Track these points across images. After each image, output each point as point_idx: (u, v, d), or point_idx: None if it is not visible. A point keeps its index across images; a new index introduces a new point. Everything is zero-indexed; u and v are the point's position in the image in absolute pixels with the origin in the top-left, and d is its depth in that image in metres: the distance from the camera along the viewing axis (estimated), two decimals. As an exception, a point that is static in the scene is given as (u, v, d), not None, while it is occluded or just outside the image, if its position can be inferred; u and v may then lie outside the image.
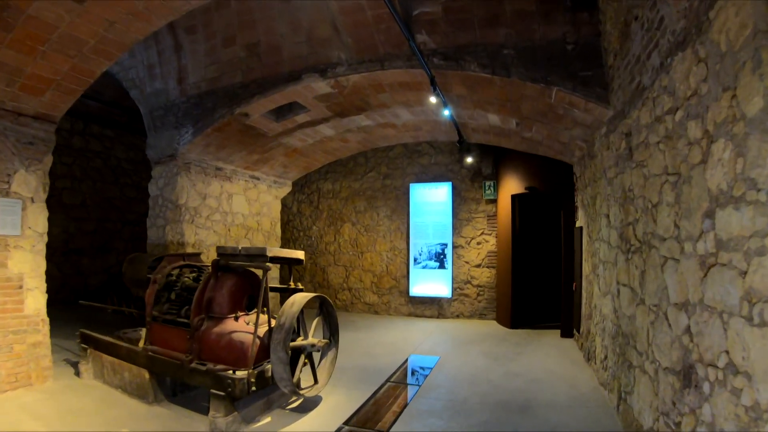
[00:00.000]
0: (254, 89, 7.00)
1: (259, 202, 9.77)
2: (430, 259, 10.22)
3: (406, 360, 6.86)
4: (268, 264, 4.69)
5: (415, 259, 10.38)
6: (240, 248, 4.89)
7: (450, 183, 10.20)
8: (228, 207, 8.94)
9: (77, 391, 5.25)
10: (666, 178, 3.39)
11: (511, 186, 9.00)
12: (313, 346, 4.89)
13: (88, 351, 5.83)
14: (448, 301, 10.14)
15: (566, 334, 8.11)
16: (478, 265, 9.94)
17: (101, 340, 5.72)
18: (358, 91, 6.76)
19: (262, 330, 4.80)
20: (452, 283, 10.10)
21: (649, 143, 3.76)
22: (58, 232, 11.01)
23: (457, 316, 10.06)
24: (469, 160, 9.54)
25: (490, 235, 9.86)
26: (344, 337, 8.41)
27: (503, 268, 9.22)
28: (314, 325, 5.14)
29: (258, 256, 4.75)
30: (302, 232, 12.08)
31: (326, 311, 5.41)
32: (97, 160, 12.38)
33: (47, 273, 5.57)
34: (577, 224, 7.63)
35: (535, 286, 9.67)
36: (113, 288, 10.42)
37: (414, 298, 10.45)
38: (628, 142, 4.43)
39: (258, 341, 4.68)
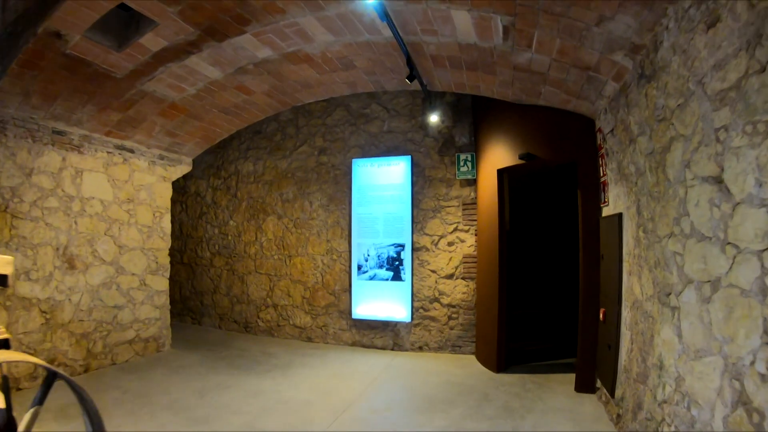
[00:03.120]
0: (60, -12, 3.97)
1: (133, 185, 6.65)
2: (381, 266, 7.07)
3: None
4: None
5: (360, 267, 7.22)
6: None
7: (409, 157, 7.07)
8: (74, 189, 5.87)
9: None
10: None
11: (498, 157, 5.90)
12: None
13: None
14: (407, 326, 7.01)
15: (584, 386, 5.01)
16: (450, 276, 6.81)
17: None
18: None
19: None
20: (412, 301, 6.97)
21: None
22: None
23: (420, 348, 6.93)
24: (434, 119, 6.40)
25: (467, 231, 6.75)
26: (241, 386, 5.30)
27: (486, 280, 6.11)
28: (27, 419, 1.95)
29: None
30: (217, 229, 8.91)
31: (77, 393, 2.23)
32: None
33: None
34: (607, 211, 4.56)
35: (535, 306, 6.59)
36: None
37: (359, 321, 7.30)
38: None
39: None
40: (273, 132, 8.33)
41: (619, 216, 4.07)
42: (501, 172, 5.84)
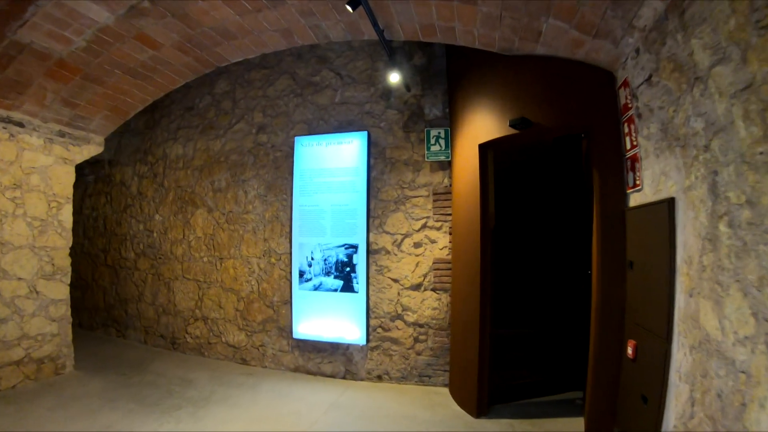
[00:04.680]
0: None
1: (21, 167, 5.16)
2: (327, 273, 5.51)
3: None
4: None
5: (302, 274, 5.66)
6: None
7: (365, 134, 5.54)
8: (-62, 171, 4.37)
9: None
10: None
11: (480, 128, 4.41)
12: None
13: None
14: (362, 350, 5.47)
15: (597, 442, 3.55)
16: (417, 287, 5.30)
17: None
18: None
19: None
20: (368, 318, 5.43)
21: None
22: None
23: (379, 378, 5.40)
24: (395, 79, 4.93)
25: (439, 229, 5.25)
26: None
27: (464, 292, 4.62)
28: None
29: None
30: (143, 224, 7.29)
31: None
32: None
33: None
34: (640, 198, 3.12)
35: (525, 325, 5.13)
36: None
37: (303, 342, 5.74)
38: None
39: None
40: (206, 107, 6.75)
41: (669, 203, 2.60)
42: (484, 149, 4.34)
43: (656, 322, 2.73)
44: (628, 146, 3.25)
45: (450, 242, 5.12)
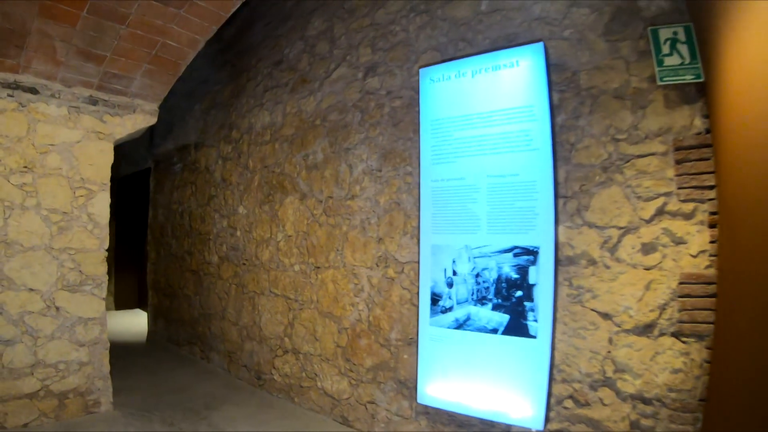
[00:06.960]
0: None
1: (35, 145, 4.23)
2: (482, 298, 3.45)
3: None
4: None
5: (436, 298, 3.69)
6: None
7: (540, 47, 3.36)
8: None
9: None
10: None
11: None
12: None
13: None
14: (538, 435, 3.34)
15: None
16: (647, 328, 2.97)
17: None
18: None
19: None
20: (550, 381, 3.27)
21: None
22: None
23: (568, 485, 3.24)
24: None
25: (689, 218, 2.91)
26: None
27: (757, 341, 2.29)
28: None
29: None
30: (226, 220, 6.07)
31: None
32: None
33: None
34: None
35: None
36: None
37: (434, 410, 3.76)
38: None
39: None
40: (297, 57, 5.24)
41: None
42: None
43: None
44: None
45: (713, 241, 2.77)
